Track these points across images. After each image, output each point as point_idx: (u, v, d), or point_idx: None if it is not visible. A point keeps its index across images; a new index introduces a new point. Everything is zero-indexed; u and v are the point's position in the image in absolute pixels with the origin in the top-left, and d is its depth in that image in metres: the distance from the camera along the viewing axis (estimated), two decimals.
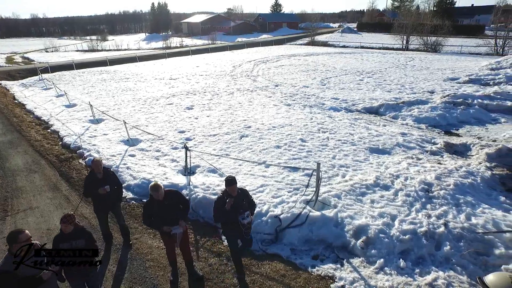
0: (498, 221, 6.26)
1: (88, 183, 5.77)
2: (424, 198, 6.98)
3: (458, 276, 5.19)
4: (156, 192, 4.73)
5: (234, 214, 4.82)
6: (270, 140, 10.50)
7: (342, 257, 5.78)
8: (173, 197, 4.93)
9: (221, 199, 4.91)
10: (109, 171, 5.99)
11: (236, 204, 4.81)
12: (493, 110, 14.57)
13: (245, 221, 4.89)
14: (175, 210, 4.89)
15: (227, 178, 4.86)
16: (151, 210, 4.84)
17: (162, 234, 5.05)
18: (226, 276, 5.41)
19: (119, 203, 6.20)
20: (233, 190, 4.81)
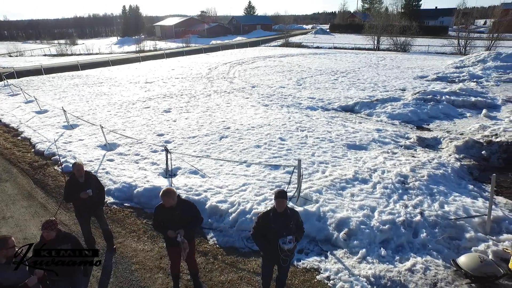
0: (468, 208, 6.66)
1: (69, 187, 5.60)
2: (401, 190, 7.31)
3: (435, 260, 5.49)
4: (168, 198, 4.38)
5: (275, 235, 4.18)
6: (250, 140, 10.60)
7: (326, 250, 5.96)
8: (186, 209, 4.62)
9: (266, 216, 4.30)
10: (90, 175, 5.85)
11: (280, 224, 4.18)
12: (459, 105, 15.41)
13: (286, 246, 4.15)
14: (185, 221, 4.53)
15: (277, 190, 4.28)
16: (161, 217, 4.51)
17: (168, 244, 4.73)
18: (213, 274, 5.45)
19: (102, 206, 6.07)
20: (281, 205, 4.18)
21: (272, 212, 4.28)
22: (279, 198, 4.18)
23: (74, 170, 5.60)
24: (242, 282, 5.24)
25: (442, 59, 31.14)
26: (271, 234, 4.19)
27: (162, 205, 4.50)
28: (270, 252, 4.30)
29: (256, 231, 4.36)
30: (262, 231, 4.28)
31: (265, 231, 4.24)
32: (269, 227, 4.20)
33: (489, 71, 22.60)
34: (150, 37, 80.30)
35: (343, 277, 5.22)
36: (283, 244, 4.16)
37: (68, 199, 5.69)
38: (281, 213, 4.22)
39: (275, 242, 4.17)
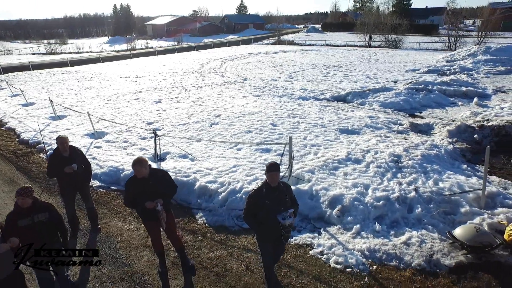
0: (462, 184, 6.56)
1: (52, 162, 5.28)
2: (395, 168, 7.19)
3: (430, 234, 5.36)
4: (140, 167, 4.11)
5: (272, 211, 3.86)
6: (241, 126, 10.41)
7: (318, 227, 5.78)
8: (159, 177, 4.37)
9: (258, 192, 3.93)
10: (76, 150, 5.56)
11: (275, 199, 3.88)
12: (450, 95, 15.42)
13: (287, 221, 3.83)
14: (160, 192, 4.28)
15: (269, 163, 3.94)
16: (133, 189, 4.23)
17: (145, 219, 4.49)
18: (202, 251, 5.23)
19: (88, 183, 5.80)
20: (274, 178, 3.84)
21: (265, 188, 3.90)
22: (272, 172, 3.82)
23: (58, 143, 5.29)
24: (232, 258, 5.04)
25: (433, 54, 31.34)
26: (265, 212, 3.84)
27: (134, 177, 4.27)
28: (267, 231, 3.96)
29: (248, 212, 3.99)
30: (255, 210, 3.91)
31: (259, 209, 3.87)
32: (263, 204, 3.83)
33: (479, 64, 22.76)
34: (141, 36, 79.61)
35: (336, 252, 5.05)
36: (283, 220, 3.80)
37: (52, 174, 5.39)
38: (275, 187, 3.87)
39: (272, 219, 3.83)
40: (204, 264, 4.93)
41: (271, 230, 3.90)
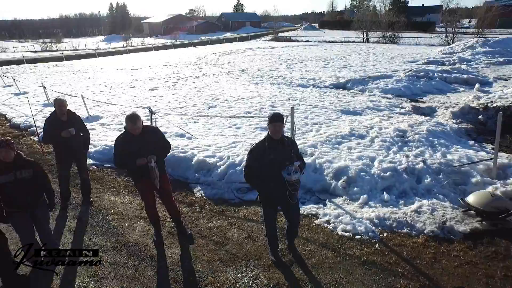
0: (471, 157, 6.30)
1: (49, 126, 4.91)
2: (400, 143, 6.92)
3: (441, 203, 5.08)
4: (133, 124, 3.79)
5: (276, 167, 3.48)
6: (240, 108, 10.12)
7: (323, 198, 5.48)
8: (152, 134, 4.05)
9: (260, 146, 3.56)
10: (74, 115, 5.21)
11: (279, 154, 3.49)
12: (451, 82, 15.20)
13: (293, 176, 3.43)
14: (153, 149, 3.95)
15: (272, 113, 3.56)
16: (124, 146, 3.89)
17: (137, 180, 4.14)
18: (200, 221, 4.92)
19: (85, 151, 5.46)
20: (278, 130, 3.45)
21: (268, 141, 3.53)
22: (275, 122, 3.42)
23: (56, 106, 4.93)
24: (232, 228, 4.73)
25: (431, 48, 31.23)
26: (268, 168, 3.49)
27: (124, 134, 3.96)
28: (271, 190, 3.59)
29: (249, 169, 3.62)
30: (256, 167, 3.55)
31: (261, 165, 3.51)
32: (265, 159, 3.47)
33: (478, 56, 22.59)
34: (138, 34, 79.10)
35: (344, 220, 4.75)
36: (289, 175, 3.41)
37: (47, 139, 5.04)
38: (278, 141, 3.51)
39: (276, 176, 3.47)
40: (202, 233, 4.62)
41: (276, 189, 3.56)
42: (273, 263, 3.96)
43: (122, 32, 74.84)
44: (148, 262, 4.05)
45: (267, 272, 3.83)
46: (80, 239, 4.56)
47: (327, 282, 3.65)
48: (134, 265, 4.00)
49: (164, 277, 3.81)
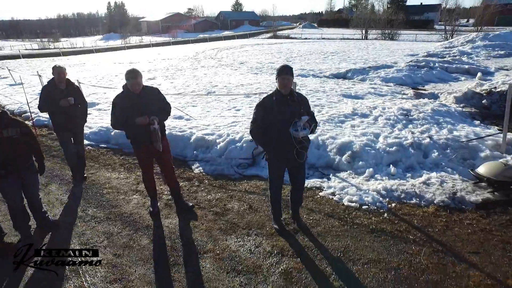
0: (478, 133, 6.10)
1: (46, 94, 4.64)
2: (405, 121, 6.72)
3: (450, 175, 4.87)
4: (133, 79, 3.56)
5: (284, 123, 3.25)
6: (239, 93, 9.90)
7: (327, 173, 5.27)
8: (153, 94, 3.80)
9: (268, 100, 3.33)
10: (73, 84, 4.94)
11: (288, 109, 3.26)
12: (452, 71, 15.05)
13: (300, 133, 3.21)
14: (154, 110, 3.71)
15: (281, 66, 3.32)
16: (124, 105, 3.63)
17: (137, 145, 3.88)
18: (199, 194, 4.70)
19: (83, 123, 5.19)
20: (286, 84, 3.23)
21: (276, 96, 3.30)
22: (284, 75, 3.20)
23: (54, 74, 4.65)
24: (232, 200, 4.51)
25: (431, 43, 31.10)
26: (276, 124, 3.28)
27: (123, 93, 3.72)
28: (277, 148, 3.37)
29: (256, 125, 3.38)
30: (264, 124, 3.32)
31: (268, 121, 3.29)
32: (273, 115, 3.26)
33: (478, 49, 22.43)
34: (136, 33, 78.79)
35: (350, 191, 4.53)
36: (296, 132, 3.20)
37: (44, 107, 4.75)
38: (287, 95, 3.29)
39: (284, 133, 3.25)
40: (201, 205, 4.39)
41: (283, 147, 3.34)
42: (276, 232, 3.74)
43: (120, 30, 74.52)
44: (144, 232, 3.83)
45: (270, 240, 3.61)
46: (72, 211, 4.33)
47: (335, 249, 3.43)
48: (128, 234, 3.77)
49: (161, 245, 3.58)
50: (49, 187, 5.00)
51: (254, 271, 3.15)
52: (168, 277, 3.10)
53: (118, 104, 3.70)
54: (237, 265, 3.23)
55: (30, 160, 3.61)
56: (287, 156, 3.38)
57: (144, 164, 4.05)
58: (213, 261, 3.31)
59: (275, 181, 3.64)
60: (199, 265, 3.25)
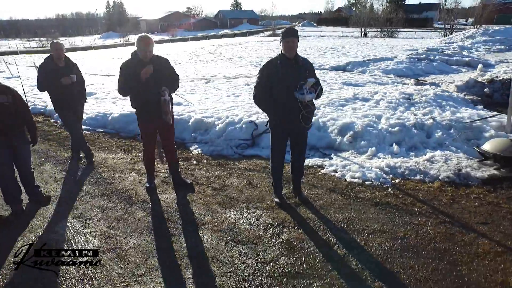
0: (482, 114, 5.99)
1: (45, 72, 4.41)
2: (407, 104, 6.61)
3: (455, 154, 4.75)
4: (145, 45, 3.39)
5: (289, 88, 3.14)
6: (238, 82, 9.78)
7: (328, 154, 5.14)
8: (162, 64, 3.63)
9: (272, 63, 3.23)
10: (71, 60, 4.73)
11: (292, 73, 3.16)
12: (453, 64, 14.95)
13: (306, 97, 3.08)
14: (162, 80, 3.56)
15: (286, 28, 3.27)
16: (132, 71, 3.44)
17: (145, 119, 3.71)
18: (197, 172, 4.57)
19: (84, 101, 5.01)
20: (292, 46, 3.13)
21: (280, 59, 3.19)
22: (289, 37, 3.09)
23: (52, 50, 4.42)
24: (231, 177, 4.38)
25: (430, 39, 31.06)
26: (280, 88, 3.15)
27: (131, 60, 3.57)
28: (282, 114, 3.23)
29: (259, 90, 3.25)
30: (268, 89, 3.21)
31: (272, 86, 3.17)
32: (277, 79, 3.15)
33: (478, 45, 22.35)
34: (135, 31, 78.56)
35: (352, 169, 4.41)
36: (302, 95, 3.07)
37: (44, 86, 4.50)
38: (292, 59, 3.17)
39: (288, 98, 3.14)
40: (199, 181, 4.26)
41: (288, 112, 3.20)
42: (277, 205, 3.62)
43: (119, 29, 74.35)
44: (139, 205, 3.70)
45: (271, 212, 3.48)
46: (65, 187, 4.20)
47: (338, 221, 3.30)
48: (123, 208, 3.64)
49: (157, 218, 3.45)
50: (43, 167, 4.86)
51: (254, 241, 3.02)
52: (164, 247, 2.97)
53: (125, 70, 3.54)
54: (236, 236, 3.10)
55: (21, 129, 3.48)
56: (292, 122, 3.25)
57: (148, 138, 3.89)
58: (211, 232, 3.18)
59: (278, 150, 3.51)
60: (196, 236, 3.12)
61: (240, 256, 2.82)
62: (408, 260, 2.73)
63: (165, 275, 2.63)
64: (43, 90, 4.66)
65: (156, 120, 3.66)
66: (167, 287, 2.51)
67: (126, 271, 2.69)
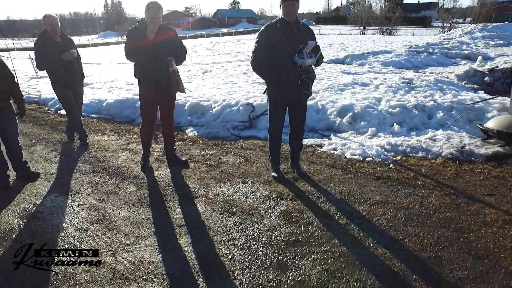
0: (484, 96, 5.86)
1: (42, 49, 4.12)
2: (407, 88, 6.48)
3: (457, 133, 4.62)
4: (155, 11, 3.23)
5: (289, 52, 2.99)
6: (236, 71, 9.64)
7: (327, 135, 5.00)
8: (169, 33, 3.46)
9: (272, 27, 3.08)
10: (67, 35, 4.45)
11: (292, 37, 3.01)
12: (452, 57, 14.85)
13: (306, 61, 2.96)
14: (169, 52, 3.40)
15: None
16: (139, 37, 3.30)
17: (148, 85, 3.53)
18: (192, 151, 4.42)
19: (83, 79, 4.77)
20: (291, 10, 2.97)
21: (279, 23, 3.04)
22: (289, 0, 2.92)
23: (47, 24, 4.08)
24: (227, 155, 4.24)
25: (429, 36, 30.99)
26: (280, 53, 3.00)
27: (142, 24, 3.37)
28: (280, 80, 3.09)
29: (258, 54, 3.11)
30: (266, 53, 3.07)
31: (271, 50, 3.03)
32: (276, 43, 3.00)
33: (476, 40, 22.30)
34: None
35: (352, 146, 4.28)
36: (302, 59, 2.94)
37: (44, 64, 4.21)
38: (292, 23, 3.02)
39: (288, 64, 3.01)
40: (195, 159, 4.12)
41: (287, 78, 3.06)
42: (274, 179, 3.47)
43: (117, 28, 74.07)
44: (131, 181, 3.55)
45: (268, 186, 3.34)
46: (55, 165, 4.05)
47: (338, 193, 3.16)
48: (115, 183, 3.50)
49: (148, 191, 3.31)
50: (34, 147, 4.70)
51: (250, 212, 2.88)
52: (155, 218, 2.83)
53: (132, 34, 3.37)
54: (231, 208, 2.95)
55: (8, 99, 3.33)
56: (291, 88, 3.10)
57: (148, 111, 3.72)
58: (205, 204, 3.03)
59: (276, 120, 3.36)
60: (189, 208, 2.98)
61: (235, 226, 2.68)
62: (413, 228, 2.59)
63: (155, 244, 2.49)
64: (44, 69, 4.36)
65: (159, 91, 3.53)
66: (157, 255, 2.37)
67: (114, 240, 2.54)
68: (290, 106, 3.35)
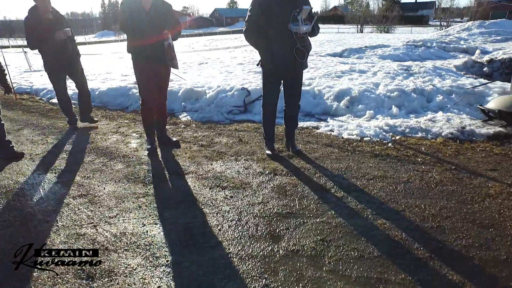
0: (484, 82, 5.74)
1: (32, 27, 3.85)
2: (406, 74, 6.35)
3: (457, 115, 4.50)
4: None
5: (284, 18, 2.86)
6: (232, 62, 9.50)
7: (324, 119, 4.87)
8: (165, 8, 3.33)
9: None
10: (58, 12, 4.17)
11: (289, 5, 2.88)
12: (450, 50, 14.78)
13: (301, 28, 2.83)
14: (164, 24, 3.26)
15: None
16: (136, 7, 3.14)
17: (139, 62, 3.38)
18: (185, 133, 4.28)
19: (79, 58, 4.51)
20: None
21: None
22: None
23: (37, 1, 3.85)
24: (220, 136, 4.09)
25: (427, 33, 30.97)
26: (274, 21, 2.87)
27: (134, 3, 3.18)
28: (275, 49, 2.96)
29: (251, 24, 2.96)
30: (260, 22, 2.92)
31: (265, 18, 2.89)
32: (270, 11, 2.86)
33: (474, 36, 22.23)
34: None
35: (349, 127, 4.14)
36: (296, 26, 2.81)
37: (36, 43, 3.97)
38: None
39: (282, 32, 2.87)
40: (187, 140, 3.97)
41: (282, 46, 2.92)
42: (268, 157, 3.33)
43: (115, 27, 73.76)
44: (119, 159, 3.40)
45: (261, 163, 3.20)
46: (41, 146, 3.89)
47: (335, 169, 3.03)
48: (102, 162, 3.35)
49: (136, 168, 3.16)
50: (21, 131, 4.55)
51: (241, 187, 2.74)
52: (140, 193, 2.68)
53: (126, 8, 3.15)
54: (222, 183, 2.81)
55: None
56: (286, 58, 2.96)
57: (146, 88, 3.52)
58: (195, 180, 2.89)
59: (270, 93, 3.22)
60: (178, 184, 2.83)
61: (225, 199, 2.54)
62: (414, 200, 2.46)
63: (139, 216, 2.34)
64: (36, 48, 4.12)
65: (155, 65, 3.38)
66: (140, 227, 2.22)
67: (96, 213, 2.39)
68: (284, 79, 3.20)
